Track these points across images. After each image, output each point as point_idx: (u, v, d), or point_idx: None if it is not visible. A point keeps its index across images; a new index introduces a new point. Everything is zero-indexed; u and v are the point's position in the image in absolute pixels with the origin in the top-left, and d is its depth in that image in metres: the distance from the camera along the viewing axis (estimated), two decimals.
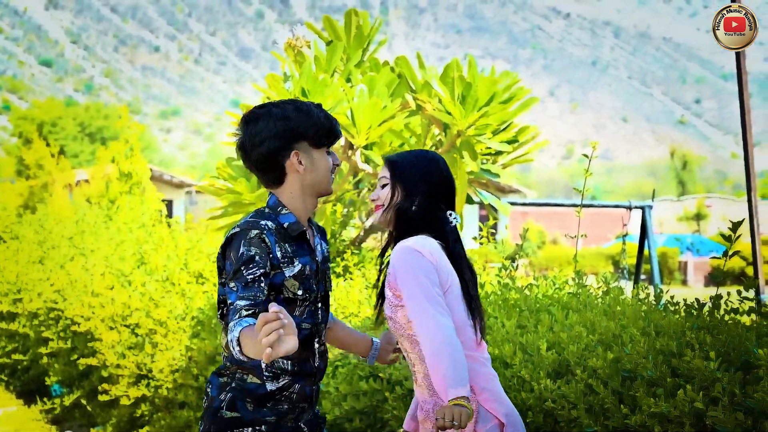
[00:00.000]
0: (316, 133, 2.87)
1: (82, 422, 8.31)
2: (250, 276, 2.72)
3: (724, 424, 2.74)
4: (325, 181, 2.92)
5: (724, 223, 42.29)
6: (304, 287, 2.86)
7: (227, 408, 2.88)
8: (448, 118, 5.96)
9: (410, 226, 2.90)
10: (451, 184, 2.97)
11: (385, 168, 3.00)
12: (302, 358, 2.91)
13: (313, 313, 2.93)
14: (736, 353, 3.10)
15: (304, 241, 2.90)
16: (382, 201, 2.96)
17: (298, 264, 2.85)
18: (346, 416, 4.49)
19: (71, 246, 10.13)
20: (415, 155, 3.01)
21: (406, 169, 2.95)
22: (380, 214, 2.96)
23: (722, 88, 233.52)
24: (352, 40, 6.48)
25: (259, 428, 2.87)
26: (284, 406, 2.90)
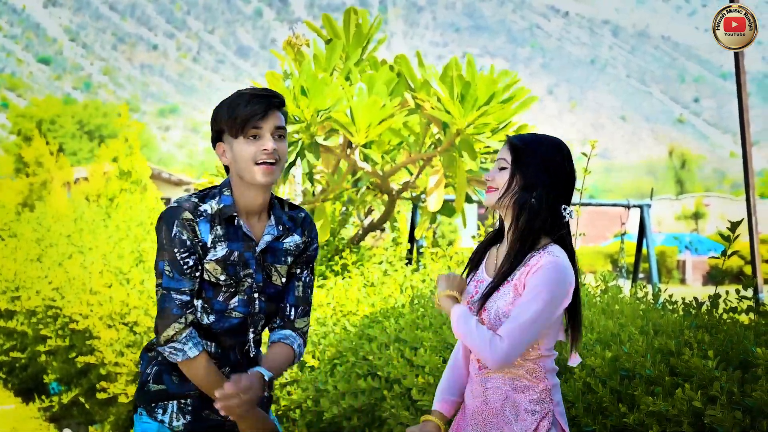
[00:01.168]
0: (232, 125, 2.83)
1: (81, 420, 8.31)
2: (185, 264, 2.80)
3: (723, 423, 2.74)
4: (247, 170, 2.82)
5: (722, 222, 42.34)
6: (228, 273, 2.84)
7: (153, 381, 2.91)
8: (447, 117, 5.96)
9: (529, 219, 2.77)
10: (573, 177, 2.85)
11: (506, 149, 2.84)
12: (228, 346, 2.90)
13: (248, 302, 2.89)
14: (735, 352, 3.10)
15: (238, 227, 2.87)
16: (497, 185, 2.82)
17: (222, 249, 2.84)
18: (344, 414, 4.49)
19: (69, 244, 10.13)
20: (540, 141, 2.84)
21: (530, 157, 2.80)
22: (494, 198, 2.82)
23: (721, 87, 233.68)
24: (352, 39, 6.48)
25: (184, 401, 2.89)
26: None
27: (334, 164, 6.74)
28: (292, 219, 2.99)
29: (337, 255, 6.83)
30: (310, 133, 5.94)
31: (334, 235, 7.03)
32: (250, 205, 2.89)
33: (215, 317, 2.87)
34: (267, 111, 2.83)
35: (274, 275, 2.94)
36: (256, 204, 2.89)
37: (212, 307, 2.87)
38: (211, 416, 2.90)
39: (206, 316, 2.87)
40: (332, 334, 5.05)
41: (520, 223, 2.79)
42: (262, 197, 2.89)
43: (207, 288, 2.86)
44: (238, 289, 2.88)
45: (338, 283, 5.85)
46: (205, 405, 2.89)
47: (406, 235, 7.37)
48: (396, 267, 6.12)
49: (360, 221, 7.77)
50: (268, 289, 2.93)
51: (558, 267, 2.70)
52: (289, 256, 2.96)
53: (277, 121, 2.86)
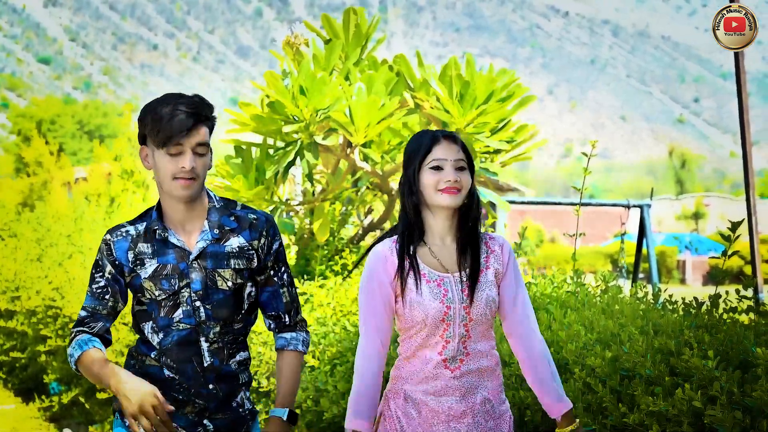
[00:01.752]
0: (153, 138, 2.77)
1: (81, 420, 8.31)
2: (95, 287, 2.89)
3: (723, 423, 2.74)
4: (166, 183, 2.79)
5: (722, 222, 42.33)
6: (163, 288, 2.82)
7: None
8: (447, 117, 5.96)
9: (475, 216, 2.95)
10: None
11: (458, 149, 2.91)
12: (181, 359, 2.84)
13: (192, 312, 2.83)
14: (735, 352, 3.10)
15: (165, 240, 2.84)
16: (462, 185, 2.88)
17: (151, 264, 2.83)
18: (343, 414, 4.49)
19: (69, 244, 10.13)
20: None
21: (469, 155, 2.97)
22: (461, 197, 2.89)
23: (721, 87, 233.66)
24: (351, 39, 6.48)
25: None
26: (180, 396, 2.85)
27: (333, 164, 6.74)
28: (239, 220, 2.90)
29: (337, 255, 6.82)
30: (309, 133, 5.94)
31: (333, 235, 7.03)
32: (177, 214, 2.85)
33: (163, 333, 2.84)
34: (190, 129, 2.75)
35: (219, 280, 2.85)
36: (182, 213, 2.85)
37: (158, 324, 2.85)
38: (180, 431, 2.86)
39: (155, 335, 2.86)
40: (332, 334, 5.05)
41: (472, 215, 2.93)
42: (185, 207, 2.84)
43: (153, 308, 2.86)
44: (179, 301, 2.83)
45: (338, 283, 5.85)
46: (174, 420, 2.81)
47: None
48: None
49: (360, 221, 7.77)
50: (214, 296, 2.85)
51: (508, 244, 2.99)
52: (235, 258, 2.87)
53: (200, 137, 2.77)
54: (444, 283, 2.85)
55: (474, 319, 2.83)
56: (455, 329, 2.83)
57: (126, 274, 2.87)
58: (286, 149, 6.02)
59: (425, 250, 2.90)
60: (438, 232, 2.91)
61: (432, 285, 2.85)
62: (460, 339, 2.84)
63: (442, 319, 2.82)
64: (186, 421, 2.87)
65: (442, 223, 2.90)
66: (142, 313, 2.90)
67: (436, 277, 2.86)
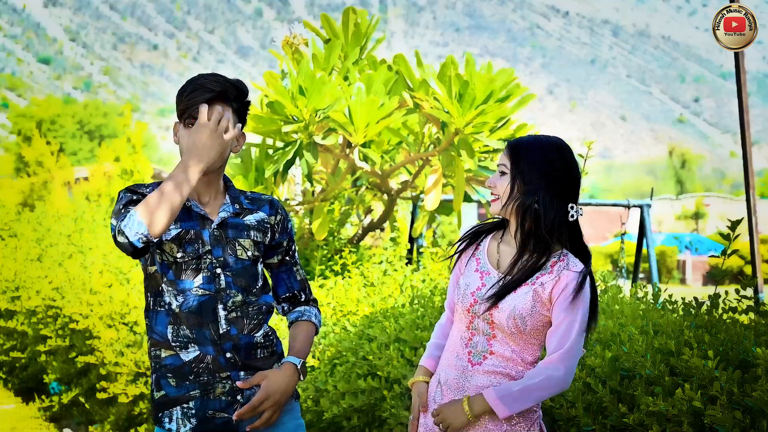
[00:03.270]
0: (177, 107, 2.91)
1: (81, 420, 8.30)
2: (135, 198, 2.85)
3: (723, 423, 2.74)
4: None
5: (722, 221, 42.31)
6: (185, 250, 2.86)
7: (155, 389, 2.93)
8: (446, 117, 5.96)
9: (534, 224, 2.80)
10: (577, 176, 2.86)
11: (505, 155, 2.86)
12: (199, 324, 2.88)
13: (212, 279, 2.88)
14: (735, 352, 3.10)
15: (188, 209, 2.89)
16: (499, 192, 2.85)
17: (176, 229, 2.87)
18: (344, 414, 4.49)
19: (70, 244, 10.13)
20: (539, 143, 2.85)
21: (529, 160, 2.82)
22: (498, 206, 2.85)
23: (721, 87, 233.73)
24: (350, 38, 6.48)
25: (187, 406, 2.88)
26: (205, 378, 2.87)
27: (333, 164, 6.74)
28: (254, 200, 3.03)
29: (337, 255, 6.82)
30: (309, 133, 5.94)
31: (333, 235, 7.03)
32: (198, 188, 2.93)
33: (182, 298, 2.87)
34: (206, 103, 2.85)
35: (239, 249, 2.93)
36: (203, 187, 2.93)
37: (177, 287, 2.87)
38: (217, 416, 2.88)
39: (174, 298, 2.88)
40: (332, 334, 5.05)
41: (526, 228, 2.81)
42: (206, 180, 2.92)
43: (167, 270, 2.88)
44: (200, 267, 2.88)
45: (338, 283, 5.85)
46: (208, 406, 2.88)
47: (405, 234, 7.37)
48: (396, 267, 6.11)
49: (359, 221, 7.77)
50: (234, 265, 2.92)
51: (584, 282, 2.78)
52: (255, 231, 2.97)
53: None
54: (487, 277, 2.86)
55: (496, 323, 2.81)
56: (479, 324, 2.84)
57: None
58: (286, 149, 6.02)
59: (495, 244, 2.93)
60: (510, 233, 2.90)
61: (477, 275, 2.89)
62: (485, 335, 2.83)
63: (468, 309, 2.85)
64: (220, 404, 2.88)
65: (511, 226, 2.90)
66: (157, 274, 2.90)
67: (486, 269, 2.89)
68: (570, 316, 2.75)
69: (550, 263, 2.80)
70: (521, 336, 2.80)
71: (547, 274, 2.79)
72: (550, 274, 2.78)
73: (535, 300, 2.77)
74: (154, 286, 2.92)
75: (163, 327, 2.89)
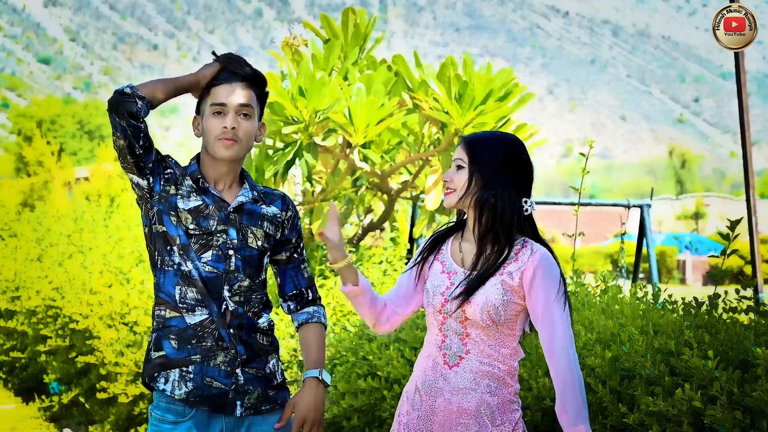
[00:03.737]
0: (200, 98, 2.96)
1: (81, 420, 8.30)
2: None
3: (722, 423, 2.74)
4: (210, 144, 2.93)
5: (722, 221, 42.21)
6: (197, 223, 2.88)
7: (154, 348, 2.91)
8: (445, 117, 5.96)
9: (492, 218, 2.84)
10: (531, 171, 2.91)
11: (461, 149, 2.89)
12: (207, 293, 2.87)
13: (223, 258, 2.89)
14: (735, 352, 3.10)
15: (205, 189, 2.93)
16: (456, 186, 2.87)
17: (196, 200, 2.90)
18: (344, 414, 4.49)
19: (70, 244, 10.13)
20: (495, 139, 2.90)
21: (487, 155, 2.85)
22: (454, 199, 2.87)
23: (721, 87, 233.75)
24: (350, 39, 6.47)
25: (185, 369, 2.87)
26: (208, 343, 2.87)
27: (333, 164, 6.74)
28: (267, 194, 3.05)
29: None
30: (309, 134, 5.94)
31: None
32: (216, 175, 2.96)
33: (192, 265, 2.87)
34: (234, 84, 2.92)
35: (251, 237, 2.95)
36: (222, 174, 2.96)
37: (188, 254, 2.88)
38: (214, 384, 2.87)
39: (185, 262, 2.88)
40: (332, 334, 5.05)
41: (484, 222, 2.85)
42: (227, 167, 2.95)
43: (182, 234, 2.89)
44: (211, 243, 2.89)
45: (338, 283, 5.84)
46: (207, 372, 2.86)
47: (405, 234, 7.37)
48: (396, 267, 6.11)
49: (359, 221, 7.77)
50: (244, 251, 2.93)
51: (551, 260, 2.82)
52: (268, 222, 2.99)
53: (243, 98, 2.91)
54: (455, 276, 2.87)
55: (470, 318, 2.81)
56: (451, 324, 2.84)
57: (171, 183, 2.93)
58: (285, 150, 6.02)
59: (457, 244, 2.95)
60: (469, 230, 2.92)
61: (444, 276, 2.89)
62: (458, 335, 2.84)
63: (439, 310, 2.85)
64: (219, 373, 2.88)
65: (470, 221, 2.92)
66: (168, 236, 2.90)
67: (452, 269, 2.89)
68: (554, 301, 2.78)
69: (514, 251, 2.84)
70: (496, 328, 2.81)
71: (513, 263, 2.82)
72: (516, 262, 2.82)
73: (506, 289, 2.79)
74: (161, 245, 2.91)
75: (171, 287, 2.89)
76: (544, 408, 3.42)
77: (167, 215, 2.89)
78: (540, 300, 2.78)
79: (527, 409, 3.50)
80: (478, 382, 2.81)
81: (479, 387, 2.81)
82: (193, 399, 2.85)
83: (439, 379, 2.85)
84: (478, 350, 2.82)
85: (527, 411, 3.48)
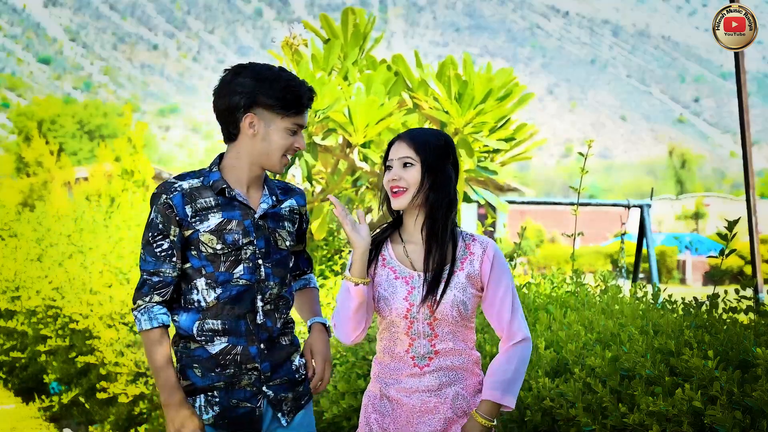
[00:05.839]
0: (276, 104, 2.87)
1: (81, 420, 8.30)
2: (159, 250, 2.87)
3: (723, 423, 2.74)
4: (274, 157, 2.91)
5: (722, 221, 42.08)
6: (225, 242, 2.87)
7: (182, 377, 2.95)
8: (445, 117, 5.96)
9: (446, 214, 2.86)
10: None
11: (407, 147, 2.86)
12: (235, 315, 2.89)
13: (253, 269, 2.91)
14: (735, 352, 3.10)
15: (232, 198, 2.90)
16: (407, 185, 2.85)
17: (215, 218, 2.88)
18: (344, 414, 4.49)
19: (70, 244, 10.13)
20: (437, 135, 2.91)
21: (435, 152, 2.86)
22: (406, 199, 2.85)
23: (721, 87, 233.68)
24: (350, 38, 6.47)
25: (211, 394, 2.91)
26: (231, 370, 2.90)
27: (332, 164, 6.74)
28: (286, 191, 3.07)
29: (337, 255, 6.83)
30: (309, 133, 5.94)
31: (333, 235, 7.02)
32: (244, 178, 2.94)
33: (221, 289, 2.88)
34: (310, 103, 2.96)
35: (279, 240, 2.98)
36: (251, 177, 2.94)
37: (216, 280, 2.88)
38: (240, 405, 2.92)
39: (211, 291, 2.88)
40: (332, 334, 5.04)
41: (435, 219, 2.86)
42: (259, 172, 2.96)
43: (206, 264, 2.88)
44: (241, 258, 2.89)
45: (338, 283, 5.85)
46: (233, 395, 2.91)
47: None
48: None
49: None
50: (275, 255, 2.96)
51: (495, 246, 2.92)
52: (288, 221, 3.02)
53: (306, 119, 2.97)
54: (412, 280, 2.88)
55: (438, 318, 2.85)
56: (419, 327, 2.86)
57: (183, 229, 2.89)
58: None
59: (400, 247, 2.94)
60: (411, 231, 2.92)
61: (400, 281, 2.89)
62: (426, 337, 2.86)
63: (405, 315, 2.86)
64: (245, 394, 2.92)
65: (409, 222, 2.92)
66: (191, 270, 2.91)
67: (406, 274, 2.89)
68: (506, 289, 2.88)
69: (465, 245, 2.90)
70: (463, 321, 2.87)
71: (469, 256, 2.88)
72: (471, 255, 2.88)
73: (468, 282, 2.85)
74: (185, 284, 2.93)
75: (189, 323, 2.91)
76: (543, 408, 3.42)
77: (189, 251, 2.90)
78: (498, 289, 2.87)
79: (527, 409, 3.50)
80: (449, 378, 2.87)
81: (452, 382, 2.88)
82: (221, 422, 2.91)
83: (408, 380, 2.88)
84: (445, 349, 2.87)
85: (527, 411, 3.48)
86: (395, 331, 2.89)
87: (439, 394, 2.87)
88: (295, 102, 2.88)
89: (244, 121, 2.89)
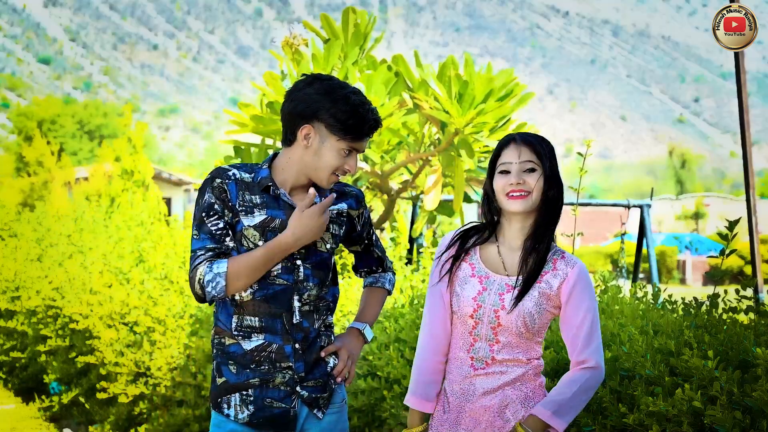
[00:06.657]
0: (335, 124, 2.86)
1: (81, 420, 8.31)
2: (215, 228, 2.86)
3: (722, 423, 2.74)
4: (322, 173, 2.90)
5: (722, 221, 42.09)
6: (266, 238, 2.88)
7: (217, 374, 2.98)
8: (446, 117, 5.96)
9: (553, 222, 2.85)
10: None
11: (528, 150, 2.84)
12: (271, 314, 2.90)
13: (291, 269, 2.91)
14: (735, 352, 3.10)
15: (276, 197, 2.91)
16: (530, 188, 2.82)
17: (260, 215, 2.89)
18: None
19: (70, 244, 10.13)
20: (546, 140, 2.90)
21: (550, 157, 2.85)
22: (529, 202, 2.82)
23: (721, 87, 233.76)
24: (350, 38, 6.47)
25: (245, 392, 2.93)
26: (265, 366, 2.91)
27: None
28: (340, 193, 3.05)
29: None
30: None
31: None
32: (290, 182, 2.94)
33: (257, 285, 2.89)
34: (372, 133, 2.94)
35: (320, 242, 2.97)
36: (297, 184, 2.95)
37: None
38: (275, 405, 2.93)
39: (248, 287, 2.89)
40: None
41: (543, 225, 2.84)
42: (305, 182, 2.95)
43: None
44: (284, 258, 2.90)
45: (339, 283, 5.84)
46: (267, 395, 2.92)
47: (405, 234, 7.37)
48: (395, 267, 6.11)
49: None
50: (314, 257, 2.96)
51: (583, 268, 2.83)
52: (333, 224, 3.00)
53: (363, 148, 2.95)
54: (487, 281, 2.85)
55: (503, 325, 2.80)
56: (482, 330, 2.83)
57: (233, 216, 2.90)
58: None
59: (493, 247, 2.91)
60: (509, 236, 2.89)
61: (475, 280, 2.87)
62: (487, 341, 2.83)
63: (471, 315, 2.84)
64: (279, 394, 2.93)
65: (514, 226, 2.88)
66: None
67: (483, 273, 2.87)
68: (586, 312, 2.79)
69: (552, 260, 2.83)
70: (528, 335, 2.81)
71: (551, 272, 2.82)
72: (554, 271, 2.82)
73: (542, 297, 2.80)
74: None
75: (227, 317, 2.93)
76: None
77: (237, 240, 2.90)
78: (578, 312, 2.80)
79: None
80: (502, 389, 2.82)
81: (505, 388, 2.82)
82: (256, 421, 2.92)
83: (463, 381, 2.86)
84: (504, 357, 2.83)
85: None
86: (462, 327, 2.87)
87: (491, 399, 2.82)
88: (356, 128, 2.87)
89: (301, 131, 2.89)
